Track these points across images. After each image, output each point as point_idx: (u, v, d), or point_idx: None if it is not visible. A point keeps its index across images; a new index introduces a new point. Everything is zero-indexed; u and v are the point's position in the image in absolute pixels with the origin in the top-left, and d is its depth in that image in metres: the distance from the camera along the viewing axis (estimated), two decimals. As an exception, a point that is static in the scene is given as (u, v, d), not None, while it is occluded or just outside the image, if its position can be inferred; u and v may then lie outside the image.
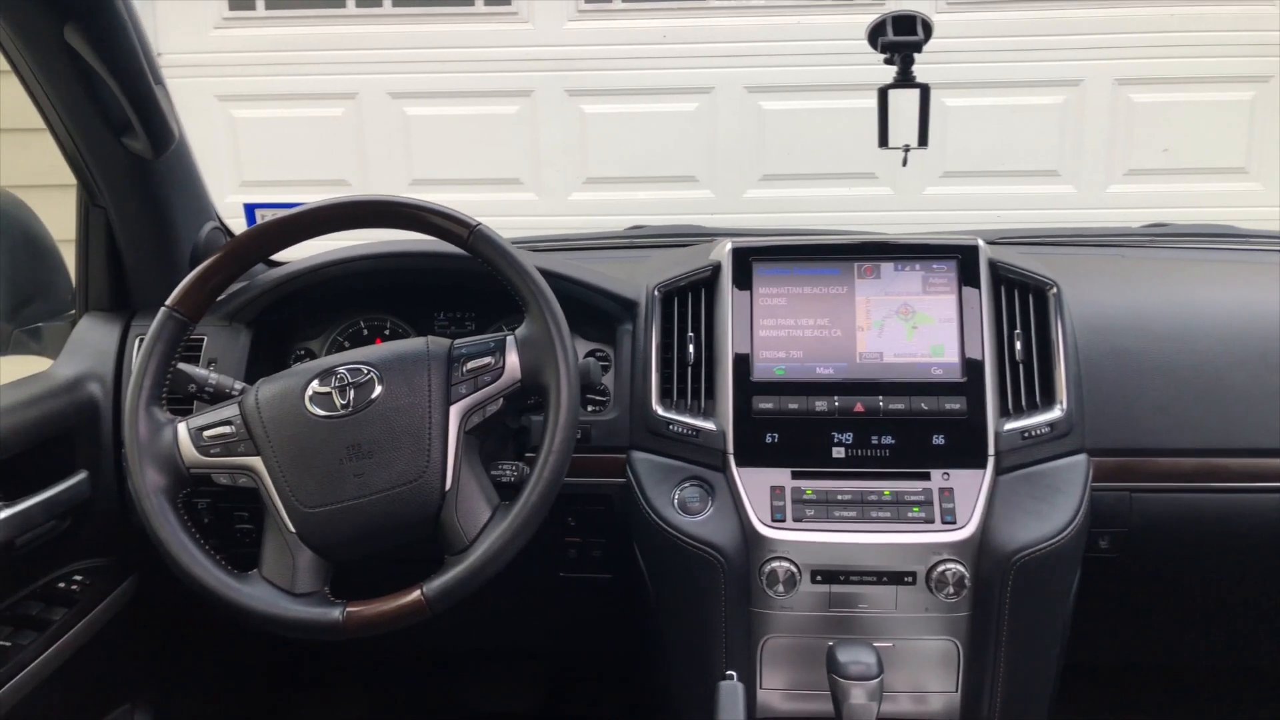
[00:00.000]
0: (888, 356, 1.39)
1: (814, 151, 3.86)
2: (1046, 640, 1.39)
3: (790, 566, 1.33)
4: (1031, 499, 1.34)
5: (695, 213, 3.83)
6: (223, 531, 1.50)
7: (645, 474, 1.40)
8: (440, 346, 1.24)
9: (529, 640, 1.87)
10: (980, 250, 1.41)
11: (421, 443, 1.18)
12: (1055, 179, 3.84)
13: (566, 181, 3.98)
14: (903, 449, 1.36)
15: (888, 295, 1.41)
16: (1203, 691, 1.94)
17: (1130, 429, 1.40)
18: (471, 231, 1.23)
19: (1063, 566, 1.35)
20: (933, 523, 1.32)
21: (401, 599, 1.14)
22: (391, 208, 1.24)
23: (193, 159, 1.55)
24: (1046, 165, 3.83)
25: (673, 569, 1.39)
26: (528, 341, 1.22)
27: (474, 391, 1.21)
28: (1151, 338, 1.43)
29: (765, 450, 1.37)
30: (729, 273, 1.42)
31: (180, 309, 1.25)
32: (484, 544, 1.15)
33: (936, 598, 1.33)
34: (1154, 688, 1.93)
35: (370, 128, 3.95)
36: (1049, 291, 1.41)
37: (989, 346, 1.38)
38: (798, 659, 1.40)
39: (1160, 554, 1.42)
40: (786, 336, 1.40)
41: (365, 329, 1.59)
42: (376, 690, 2.13)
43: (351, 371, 1.22)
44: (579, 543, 1.50)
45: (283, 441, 1.20)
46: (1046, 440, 1.36)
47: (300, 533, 1.18)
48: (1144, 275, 1.59)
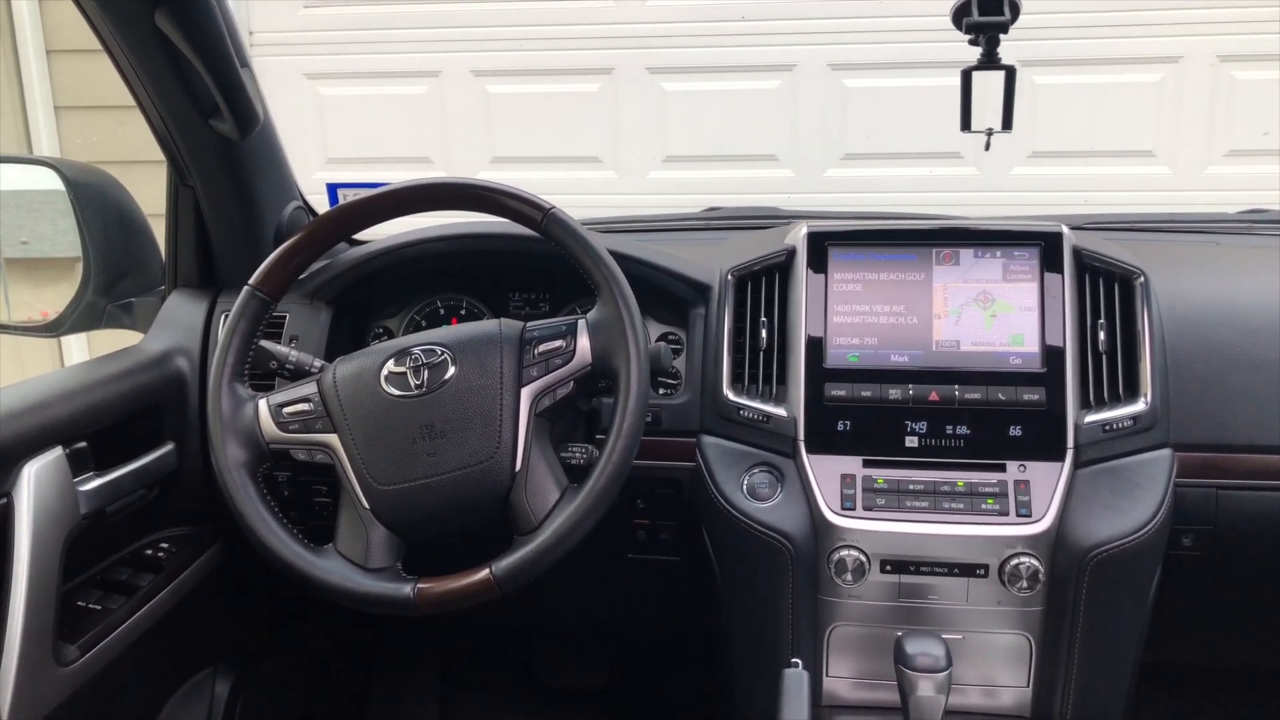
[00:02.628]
0: (965, 345, 1.36)
1: (897, 130, 3.78)
2: (1123, 638, 1.35)
3: (859, 555, 1.32)
4: (1111, 493, 1.31)
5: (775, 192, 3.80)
6: (302, 505, 1.54)
7: (715, 459, 1.40)
8: (513, 329, 1.25)
9: (597, 618, 1.89)
10: (1064, 237, 1.37)
11: (493, 424, 1.20)
12: (1150, 159, 3.71)
13: (646, 160, 3.97)
14: (978, 440, 1.33)
15: (966, 282, 1.38)
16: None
17: (1218, 424, 1.35)
18: (545, 215, 1.24)
19: (1142, 564, 1.31)
20: (1007, 515, 1.30)
21: (471, 577, 1.16)
22: (467, 190, 1.26)
23: (278, 140, 1.58)
24: (1141, 146, 3.70)
25: (740, 554, 1.38)
26: (599, 325, 1.22)
27: (545, 374, 1.22)
28: (1244, 331, 1.38)
29: (836, 438, 1.35)
30: (804, 257, 1.41)
31: (263, 288, 1.29)
32: (552, 525, 1.16)
33: (1009, 591, 1.31)
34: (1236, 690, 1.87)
35: (452, 105, 3.99)
36: (1135, 280, 1.36)
37: (1071, 336, 1.34)
38: (865, 648, 1.39)
39: (1247, 554, 1.37)
40: (861, 323, 1.38)
41: (442, 309, 1.62)
42: (451, 663, 2.17)
43: (426, 352, 1.24)
44: (648, 525, 1.50)
45: (358, 420, 1.22)
46: (1129, 434, 1.32)
47: (374, 509, 1.20)
48: (1238, 264, 1.53)
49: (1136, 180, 3.69)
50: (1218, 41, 3.60)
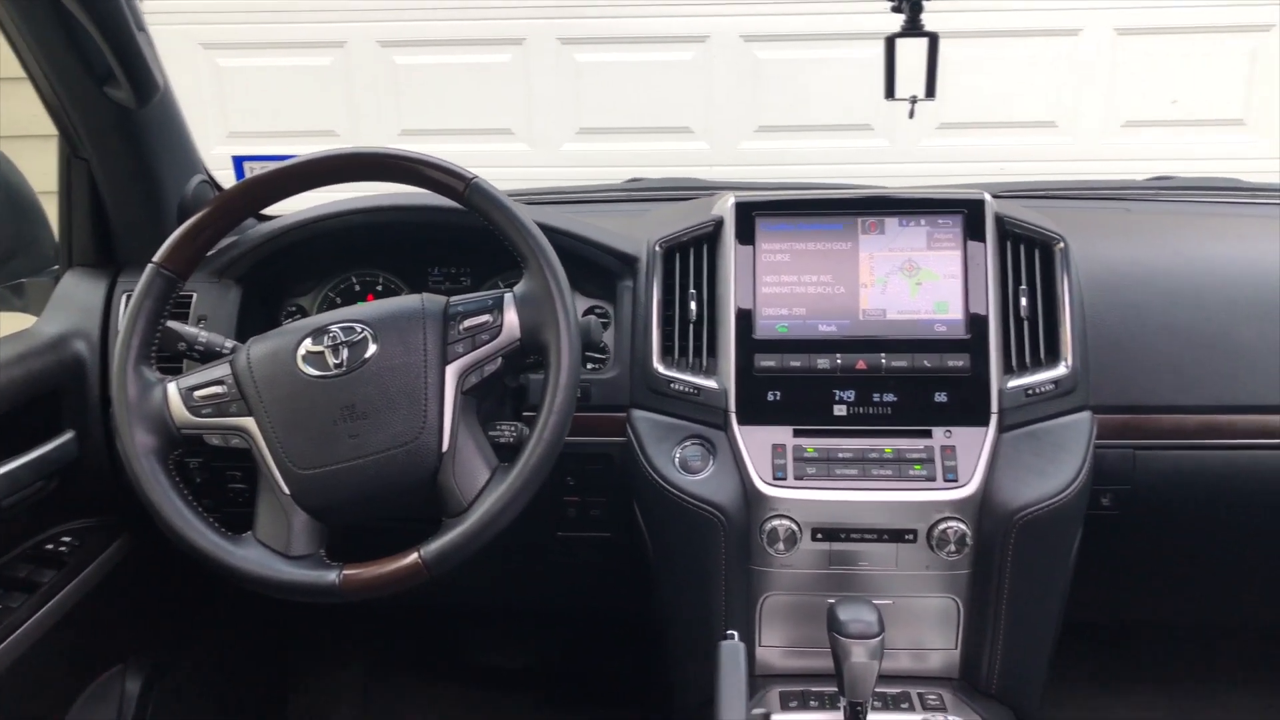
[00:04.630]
0: (891, 313, 1.37)
1: (810, 102, 3.81)
2: (1047, 598, 1.38)
3: (791, 524, 1.32)
4: (1034, 456, 1.33)
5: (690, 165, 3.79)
6: (216, 492, 1.48)
7: (646, 433, 1.39)
8: (436, 304, 1.22)
9: (527, 599, 1.86)
10: (986, 205, 1.38)
11: (417, 403, 1.16)
12: (1054, 130, 3.80)
13: (559, 132, 3.92)
14: (905, 407, 1.34)
15: (891, 251, 1.38)
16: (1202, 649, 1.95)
17: (1135, 386, 1.38)
18: (467, 185, 1.20)
19: (1065, 525, 1.34)
20: (934, 481, 1.31)
21: (399, 562, 1.12)
22: (385, 160, 1.21)
23: (178, 109, 1.50)
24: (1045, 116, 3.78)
25: (673, 527, 1.37)
26: (527, 298, 1.19)
27: (471, 350, 1.18)
28: (1157, 293, 1.41)
29: (767, 408, 1.35)
30: (732, 228, 1.40)
31: (169, 265, 1.22)
32: (482, 506, 1.13)
33: (938, 555, 1.32)
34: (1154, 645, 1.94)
35: (359, 77, 3.88)
36: (1055, 247, 1.38)
37: (994, 303, 1.36)
38: (797, 616, 1.40)
39: (1163, 512, 1.41)
40: (789, 293, 1.38)
41: (358, 285, 1.56)
42: (376, 649, 2.13)
43: (345, 330, 1.20)
44: (578, 502, 1.48)
45: (275, 402, 1.17)
46: (1050, 398, 1.34)
47: (294, 494, 1.16)
48: (1149, 229, 1.56)
49: (1042, 150, 3.78)
50: (1115, 14, 3.69)
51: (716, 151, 3.90)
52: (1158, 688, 1.95)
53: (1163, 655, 1.95)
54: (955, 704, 1.35)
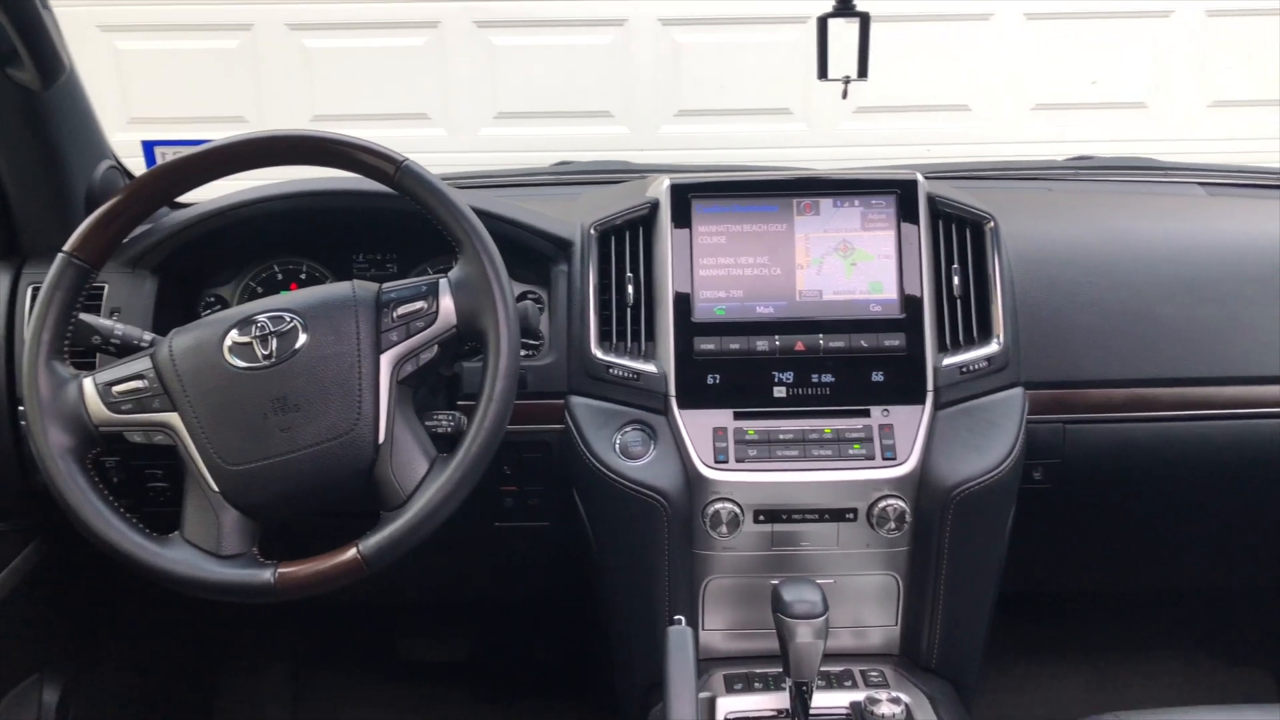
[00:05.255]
0: (827, 294, 1.37)
1: (730, 87, 3.81)
2: (984, 572, 1.40)
3: (733, 507, 1.31)
4: (970, 433, 1.35)
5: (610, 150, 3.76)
6: (135, 492, 1.41)
7: (585, 419, 1.37)
8: (368, 291, 1.18)
9: (464, 591, 1.83)
10: (919, 185, 1.39)
11: (351, 394, 1.13)
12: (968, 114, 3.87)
13: (477, 117, 3.86)
14: (843, 387, 1.35)
15: (826, 232, 1.38)
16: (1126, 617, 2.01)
17: (1064, 362, 1.41)
18: (399, 168, 1.16)
19: (1001, 499, 1.36)
20: (873, 459, 1.32)
21: (337, 558, 1.09)
22: (312, 143, 1.16)
23: (84, 92, 1.43)
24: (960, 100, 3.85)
25: (614, 514, 1.36)
26: (462, 284, 1.16)
27: (406, 338, 1.15)
28: (1084, 271, 1.44)
29: (707, 391, 1.34)
30: (668, 210, 1.38)
31: (80, 255, 1.16)
32: (422, 498, 1.11)
33: (877, 533, 1.33)
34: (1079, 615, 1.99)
35: (267, 61, 3.76)
36: (986, 225, 1.40)
37: (927, 282, 1.37)
38: (740, 599, 1.40)
39: (1092, 484, 1.45)
40: (726, 276, 1.37)
41: (280, 274, 1.51)
42: (305, 647, 2.07)
43: (273, 320, 1.15)
44: (516, 491, 1.45)
45: (201, 395, 1.13)
46: (984, 374, 1.36)
47: (224, 492, 1.11)
48: (1072, 208, 1.60)
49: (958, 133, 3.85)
50: (1026, 1, 3.77)
51: (637, 136, 3.88)
52: (1083, 656, 2.00)
53: (1088, 624, 2.01)
54: (897, 680, 1.36)
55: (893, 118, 3.82)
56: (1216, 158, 1.99)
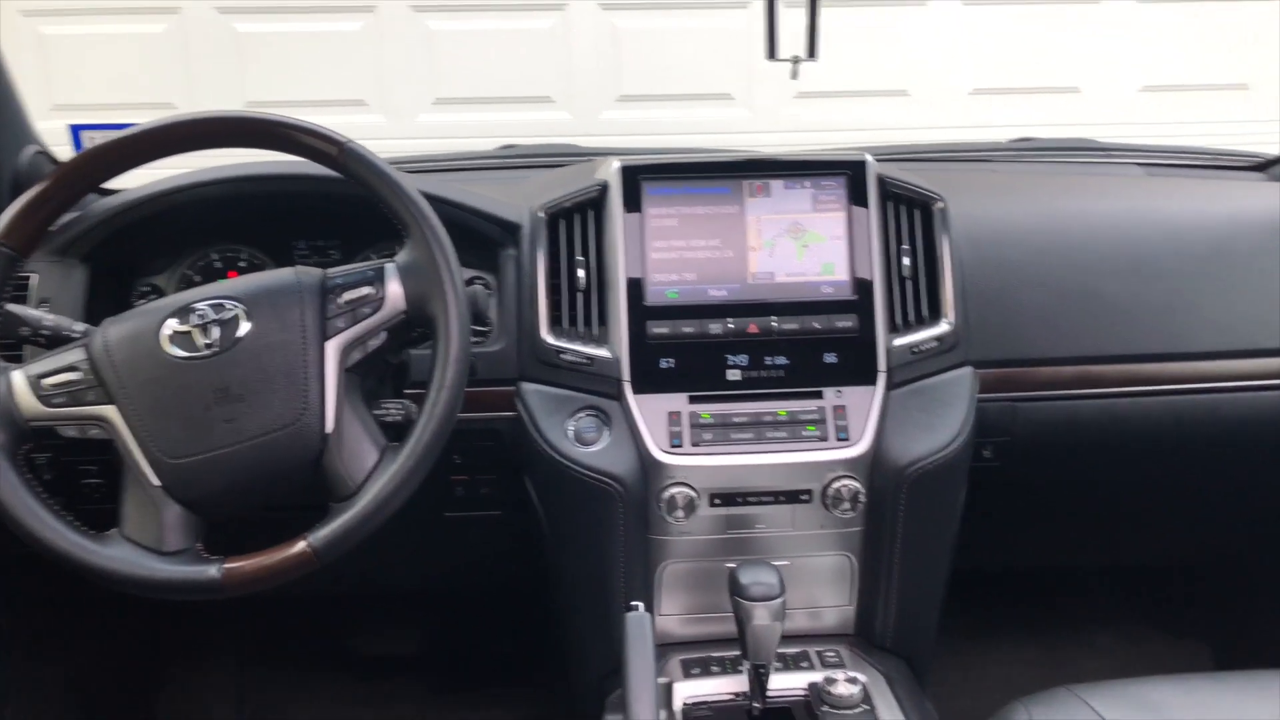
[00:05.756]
0: (779, 276, 1.37)
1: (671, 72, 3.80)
2: (937, 550, 1.42)
3: (689, 492, 1.31)
4: (921, 412, 1.35)
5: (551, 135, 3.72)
6: (69, 490, 1.36)
7: (537, 406, 1.35)
8: (312, 277, 1.15)
9: (413, 582, 1.80)
10: (868, 166, 1.39)
11: (297, 383, 1.09)
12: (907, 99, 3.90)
13: (415, 102, 3.80)
14: (796, 369, 1.35)
15: (778, 214, 1.38)
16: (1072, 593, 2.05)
17: (1013, 340, 1.42)
18: (341, 149, 1.13)
19: (953, 477, 1.37)
20: (827, 440, 1.32)
21: (286, 551, 1.06)
22: (250, 124, 1.13)
23: (7, 75, 1.37)
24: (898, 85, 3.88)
25: (568, 501, 1.35)
26: (410, 269, 1.13)
27: (353, 325, 1.12)
28: (1030, 250, 1.46)
29: (661, 376, 1.33)
30: (618, 192, 1.36)
31: (7, 242, 1.11)
32: (373, 489, 1.08)
33: (832, 514, 1.33)
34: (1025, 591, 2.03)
35: (196, 45, 3.65)
36: (935, 206, 1.40)
37: (878, 263, 1.37)
38: (696, 583, 1.39)
39: (1041, 461, 1.47)
40: (679, 258, 1.36)
41: (218, 262, 1.46)
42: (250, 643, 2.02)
43: (214, 307, 1.11)
44: (466, 481, 1.43)
45: (139, 387, 1.08)
46: (934, 354, 1.37)
47: (166, 486, 1.07)
48: (1017, 189, 1.61)
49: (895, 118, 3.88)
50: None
51: (579, 122, 3.84)
52: (1030, 632, 2.04)
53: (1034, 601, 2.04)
54: (853, 659, 1.37)
55: (834, 103, 3.83)
56: (1148, 141, 2.02)
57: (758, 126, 3.85)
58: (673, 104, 3.81)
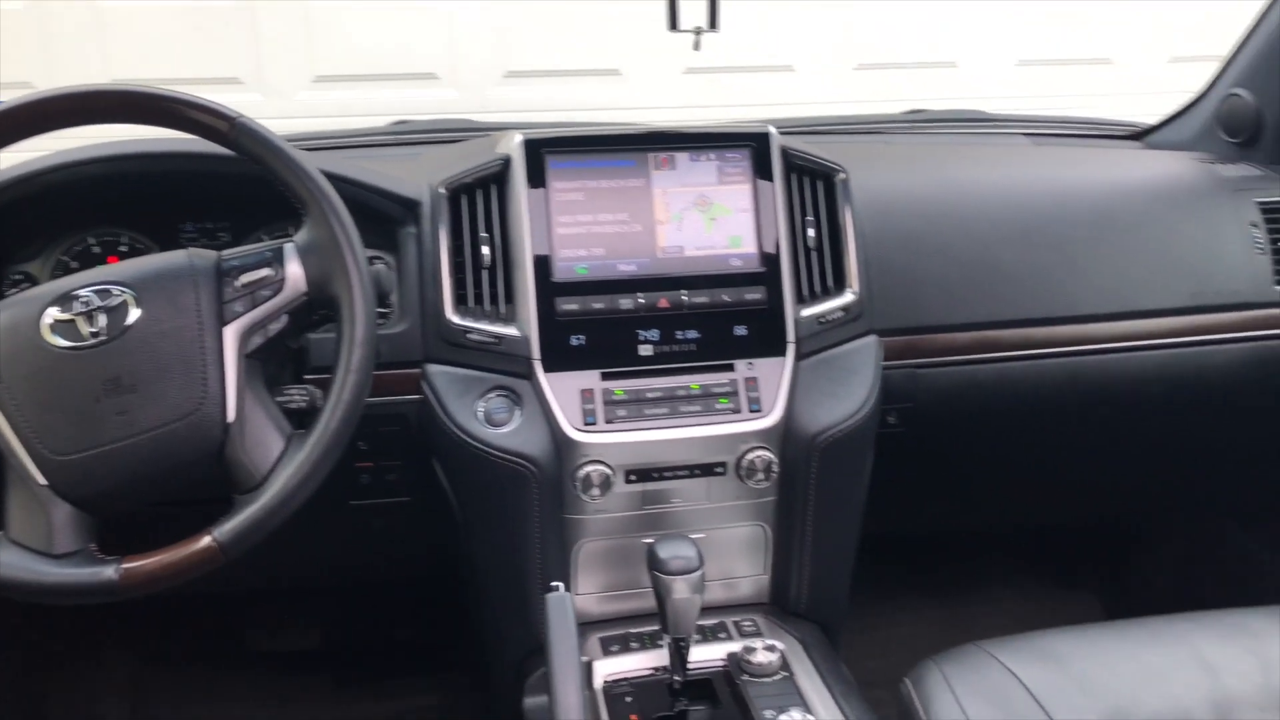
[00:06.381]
0: (688, 250, 1.36)
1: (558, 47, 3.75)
2: (848, 516, 1.44)
3: (604, 469, 1.30)
4: (830, 381, 1.37)
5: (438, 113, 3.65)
6: None
7: (444, 388, 1.32)
8: (206, 259, 1.09)
9: (317, 574, 1.75)
10: (772, 138, 1.39)
11: (195, 370, 1.04)
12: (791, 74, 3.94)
13: (294, 80, 3.66)
14: (708, 342, 1.34)
15: (684, 187, 1.37)
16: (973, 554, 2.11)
17: (914, 308, 1.45)
18: (232, 124, 1.07)
19: (861, 444, 1.40)
20: (740, 412, 1.33)
21: (189, 547, 1.01)
22: (133, 98, 1.06)
23: None
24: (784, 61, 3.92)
25: (481, 484, 1.32)
26: (311, 248, 1.09)
27: (252, 308, 1.07)
28: (928, 220, 1.49)
29: (572, 353, 1.31)
30: (521, 167, 1.33)
31: None
32: (280, 478, 1.04)
33: (746, 485, 1.34)
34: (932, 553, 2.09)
35: (55, 23, 3.44)
36: (837, 177, 1.42)
37: (784, 235, 1.38)
38: (612, 560, 1.39)
39: (942, 425, 1.50)
40: (586, 233, 1.34)
41: (97, 247, 1.38)
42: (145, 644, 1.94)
43: (99, 293, 1.05)
44: (372, 467, 1.39)
45: (19, 380, 1.02)
46: (840, 324, 1.39)
47: (53, 484, 1.01)
48: (912, 160, 1.65)
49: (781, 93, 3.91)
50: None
51: (464, 99, 3.77)
52: (931, 593, 2.10)
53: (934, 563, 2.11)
54: (769, 627, 1.38)
55: (722, 78, 3.85)
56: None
57: (646, 103, 3.84)
58: (560, 80, 3.77)
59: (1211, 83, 1.75)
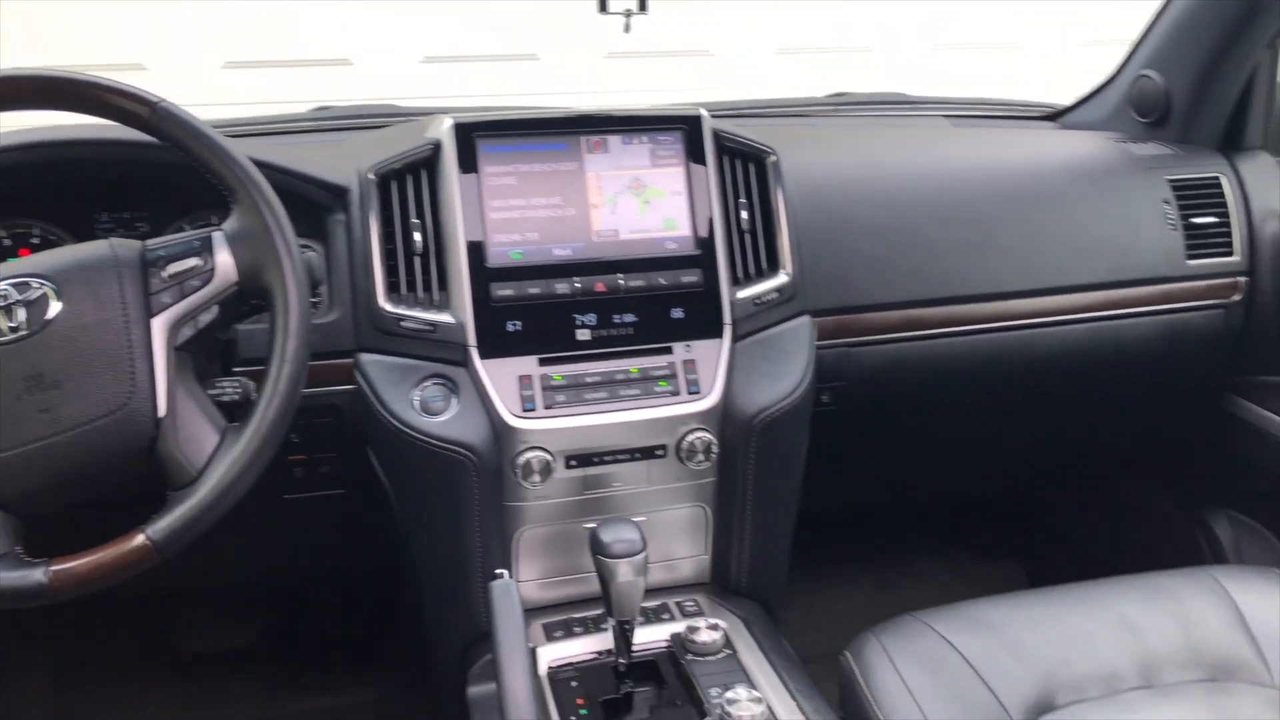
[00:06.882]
0: (623, 233, 1.36)
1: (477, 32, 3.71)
2: (785, 495, 1.46)
3: (544, 455, 1.29)
4: (766, 362, 1.38)
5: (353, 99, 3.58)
6: None
7: (378, 377, 1.29)
8: (130, 250, 1.05)
9: (248, 572, 1.71)
10: (703, 121, 1.40)
11: (121, 365, 1.00)
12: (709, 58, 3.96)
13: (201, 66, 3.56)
14: (645, 325, 1.34)
15: (618, 170, 1.37)
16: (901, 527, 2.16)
17: (845, 288, 1.47)
18: (154, 110, 1.04)
19: (797, 423, 1.41)
20: (679, 395, 1.33)
21: (122, 546, 0.97)
22: (49, 84, 1.02)
23: None
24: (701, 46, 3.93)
25: (418, 474, 1.30)
26: (240, 237, 1.06)
27: (181, 299, 1.04)
28: (857, 201, 1.51)
29: (508, 339, 1.30)
30: (452, 151, 1.31)
31: None
32: (216, 473, 1.01)
33: (686, 466, 1.35)
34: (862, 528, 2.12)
35: (-59, 6, 3.29)
36: (768, 159, 1.43)
37: (718, 217, 1.38)
38: (554, 546, 1.38)
39: (873, 403, 1.53)
40: (520, 218, 1.33)
41: (7, 239, 1.32)
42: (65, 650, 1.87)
43: (17, 286, 1.00)
44: (305, 460, 1.36)
45: None
46: (775, 305, 1.40)
47: None
48: (840, 142, 1.67)
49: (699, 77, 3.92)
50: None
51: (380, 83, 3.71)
52: (862, 567, 2.14)
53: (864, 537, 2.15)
54: (711, 606, 1.40)
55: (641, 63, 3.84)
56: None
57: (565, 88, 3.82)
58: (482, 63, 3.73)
59: (1122, 65, 1.81)
